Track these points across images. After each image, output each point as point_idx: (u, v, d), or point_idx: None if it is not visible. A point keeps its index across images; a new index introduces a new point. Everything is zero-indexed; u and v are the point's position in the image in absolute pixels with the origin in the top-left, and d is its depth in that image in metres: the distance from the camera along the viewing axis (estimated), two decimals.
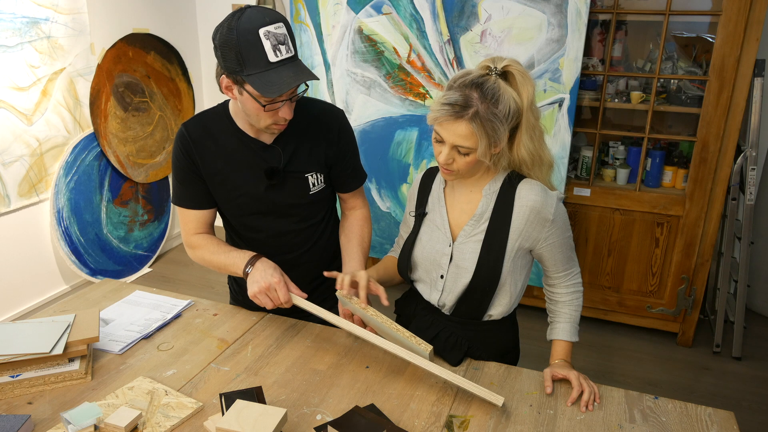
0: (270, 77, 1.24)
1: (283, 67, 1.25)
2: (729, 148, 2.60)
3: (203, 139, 1.45)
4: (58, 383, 1.26)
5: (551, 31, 2.59)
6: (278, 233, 1.55)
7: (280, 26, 1.24)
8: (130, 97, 3.49)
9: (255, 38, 1.22)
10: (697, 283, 2.81)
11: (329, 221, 1.63)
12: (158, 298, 1.67)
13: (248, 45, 1.22)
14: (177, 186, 1.52)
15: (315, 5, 2.99)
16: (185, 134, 1.45)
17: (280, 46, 1.24)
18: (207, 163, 1.46)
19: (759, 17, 2.39)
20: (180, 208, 1.53)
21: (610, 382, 2.57)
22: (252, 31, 1.21)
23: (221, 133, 1.46)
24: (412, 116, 2.98)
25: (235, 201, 1.50)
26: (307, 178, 1.50)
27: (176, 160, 1.48)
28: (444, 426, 1.17)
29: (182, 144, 1.46)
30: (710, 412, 1.23)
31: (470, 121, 1.20)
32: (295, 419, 1.18)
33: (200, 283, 3.55)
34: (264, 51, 1.22)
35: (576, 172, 2.99)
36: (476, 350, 1.40)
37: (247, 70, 1.24)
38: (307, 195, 1.51)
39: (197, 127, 1.46)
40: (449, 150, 1.25)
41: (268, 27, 1.22)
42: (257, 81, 1.24)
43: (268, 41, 1.22)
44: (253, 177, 1.46)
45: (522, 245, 1.34)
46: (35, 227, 3.09)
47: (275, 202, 1.50)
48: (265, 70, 1.24)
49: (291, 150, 1.47)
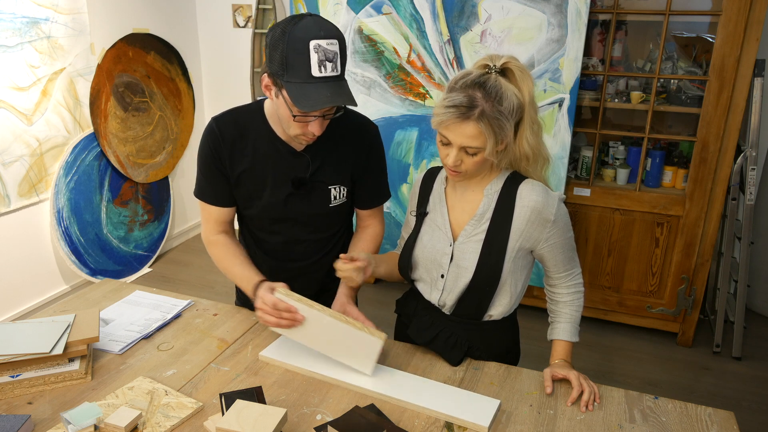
0: (307, 90, 1.22)
1: (324, 85, 1.23)
2: (729, 148, 2.60)
3: (233, 135, 1.43)
4: (58, 383, 1.26)
5: (551, 31, 2.59)
6: (292, 240, 1.54)
7: (333, 43, 1.22)
8: (130, 97, 3.49)
9: (304, 48, 1.20)
10: (697, 283, 2.81)
11: (343, 234, 1.61)
12: (158, 298, 1.67)
13: (295, 53, 1.21)
14: (201, 180, 1.49)
15: (315, 5, 2.99)
16: (215, 129, 1.43)
17: (326, 62, 1.22)
18: (234, 161, 1.44)
19: (759, 17, 2.39)
20: (202, 203, 1.52)
21: (610, 382, 2.57)
22: (303, 41, 1.20)
23: (253, 132, 1.43)
24: (412, 116, 2.98)
25: (256, 203, 1.48)
26: (330, 190, 1.48)
27: (203, 155, 1.45)
28: (444, 426, 1.17)
29: (211, 139, 1.43)
30: (710, 412, 1.23)
31: (477, 121, 1.20)
32: (295, 419, 1.18)
33: (200, 283, 3.55)
34: (309, 63, 1.21)
35: (576, 172, 2.99)
36: (476, 350, 1.40)
37: (288, 76, 1.23)
38: (327, 207, 1.49)
39: (228, 123, 1.43)
40: (457, 152, 1.25)
41: (320, 41, 1.20)
42: (294, 90, 1.22)
43: (316, 54, 1.21)
44: (278, 182, 1.45)
45: (523, 245, 1.34)
46: (35, 227, 3.09)
47: (295, 211, 1.48)
48: (305, 82, 1.22)
49: (319, 160, 1.45)
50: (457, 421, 1.17)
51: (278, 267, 1.56)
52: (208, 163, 1.45)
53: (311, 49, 1.20)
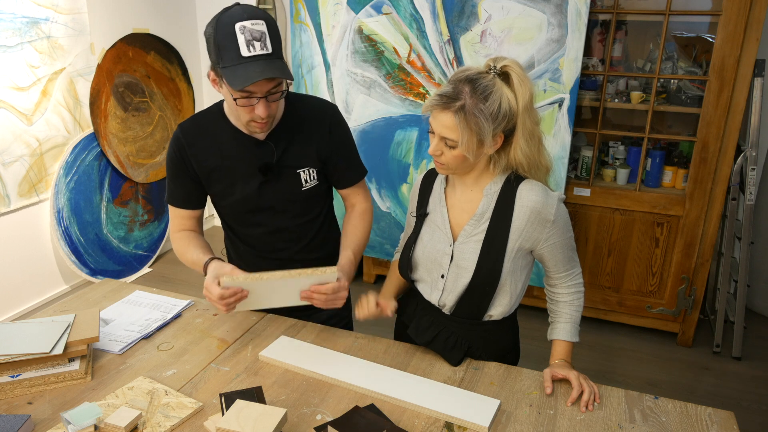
0: (238, 70, 1.26)
1: (254, 63, 1.27)
2: (729, 148, 2.60)
3: (198, 138, 1.48)
4: (58, 383, 1.26)
5: (551, 31, 2.59)
6: (273, 230, 1.56)
7: (258, 23, 1.27)
8: (130, 97, 3.49)
9: (231, 32, 1.25)
10: (697, 283, 2.81)
11: (325, 218, 1.63)
12: (158, 298, 1.67)
13: (224, 38, 1.26)
14: (170, 185, 1.56)
15: (315, 5, 2.99)
16: (179, 135, 1.49)
17: (254, 42, 1.27)
18: (202, 162, 1.48)
19: (759, 17, 2.39)
20: (170, 206, 1.58)
21: (610, 382, 2.57)
22: (229, 25, 1.25)
23: (216, 131, 1.48)
24: (412, 116, 2.98)
25: (231, 198, 1.51)
26: (299, 173, 1.51)
27: (169, 160, 1.52)
28: (444, 426, 1.17)
29: (176, 145, 1.49)
30: (710, 412, 1.23)
31: (455, 114, 1.22)
32: (295, 419, 1.18)
33: (200, 283, 3.53)
34: (237, 45, 1.26)
35: (576, 172, 2.99)
36: (476, 350, 1.40)
37: (223, 62, 1.28)
38: (301, 191, 1.52)
39: (192, 127, 1.50)
40: (438, 141, 1.28)
41: (244, 22, 1.25)
42: (228, 73, 1.27)
43: (242, 35, 1.25)
44: (247, 173, 1.48)
45: (522, 245, 1.34)
46: (35, 227, 3.09)
47: (269, 198, 1.51)
48: (237, 63, 1.27)
49: (283, 146, 1.48)
50: (457, 421, 1.17)
51: (266, 260, 1.58)
52: (175, 168, 1.51)
53: (237, 31, 1.25)
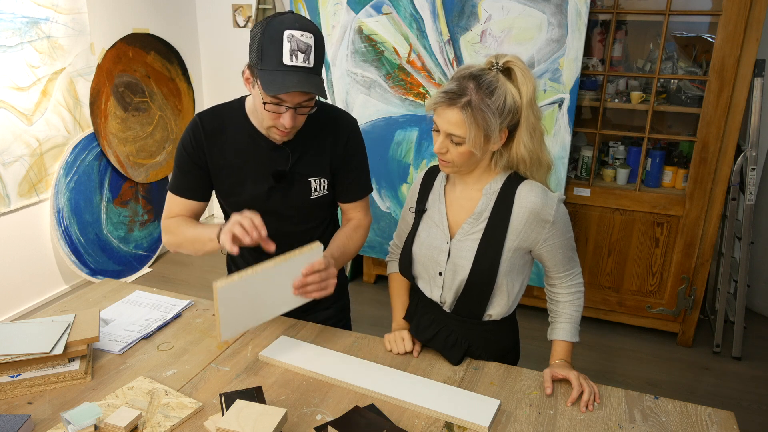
0: (276, 76, 1.26)
1: (293, 73, 1.26)
2: (729, 148, 2.60)
3: (216, 131, 1.46)
4: (58, 383, 1.26)
5: (551, 31, 2.59)
6: (276, 234, 1.54)
7: (307, 35, 1.27)
8: (130, 97, 3.49)
9: (278, 37, 1.25)
10: (697, 283, 2.81)
11: (328, 227, 1.63)
12: (158, 298, 1.67)
13: (270, 42, 1.25)
14: (177, 174, 1.52)
15: (315, 5, 2.99)
16: (198, 124, 1.46)
17: (298, 53, 1.26)
18: (215, 156, 1.47)
19: (759, 17, 2.39)
20: (172, 195, 1.53)
21: (610, 382, 2.57)
22: (278, 30, 1.25)
23: (234, 127, 1.47)
24: (412, 116, 2.98)
25: (238, 197, 1.50)
26: (310, 182, 1.50)
27: (182, 148, 1.47)
28: (444, 426, 1.17)
29: (194, 133, 1.46)
30: (710, 412, 1.23)
31: (461, 110, 1.22)
32: (295, 419, 1.18)
33: (200, 283, 3.55)
34: (281, 51, 1.25)
35: (576, 172, 2.99)
36: (476, 350, 1.40)
37: (262, 64, 1.27)
38: (309, 199, 1.51)
39: (212, 118, 1.47)
40: (443, 138, 1.28)
41: (294, 31, 1.25)
42: (265, 77, 1.27)
43: (288, 43, 1.25)
44: (259, 175, 1.47)
45: (520, 246, 1.34)
46: (35, 227, 3.09)
47: (277, 203, 1.50)
48: (276, 69, 1.26)
49: (299, 153, 1.47)
50: (457, 421, 1.17)
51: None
52: (187, 155, 1.47)
53: (284, 38, 1.25)
